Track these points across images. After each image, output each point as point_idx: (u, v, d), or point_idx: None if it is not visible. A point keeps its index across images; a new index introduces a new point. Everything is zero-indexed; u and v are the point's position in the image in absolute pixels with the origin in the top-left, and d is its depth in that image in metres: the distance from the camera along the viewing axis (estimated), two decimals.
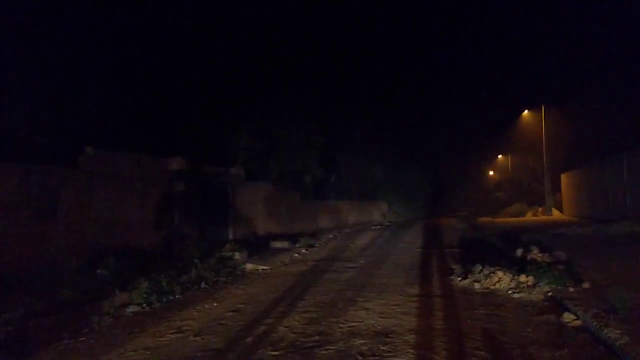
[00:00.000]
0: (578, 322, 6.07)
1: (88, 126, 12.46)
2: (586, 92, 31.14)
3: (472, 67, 68.07)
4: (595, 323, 5.72)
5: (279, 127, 24.57)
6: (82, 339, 6.54)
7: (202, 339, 6.19)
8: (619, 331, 5.30)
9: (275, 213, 21.84)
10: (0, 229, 9.59)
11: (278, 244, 16.57)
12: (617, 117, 27.35)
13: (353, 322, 6.58)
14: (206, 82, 21.01)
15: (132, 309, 8.13)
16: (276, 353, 5.40)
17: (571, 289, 7.79)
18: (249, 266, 12.39)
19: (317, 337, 5.91)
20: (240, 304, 8.25)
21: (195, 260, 11.33)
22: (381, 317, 6.77)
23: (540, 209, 36.94)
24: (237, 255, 12.94)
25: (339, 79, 36.42)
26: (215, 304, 8.33)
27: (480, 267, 9.53)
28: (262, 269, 12.31)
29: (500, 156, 58.80)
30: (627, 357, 4.61)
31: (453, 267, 10.56)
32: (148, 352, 5.73)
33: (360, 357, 5.13)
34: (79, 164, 11.59)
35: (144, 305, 8.35)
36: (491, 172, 63.68)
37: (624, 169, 20.83)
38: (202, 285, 10.09)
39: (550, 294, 7.76)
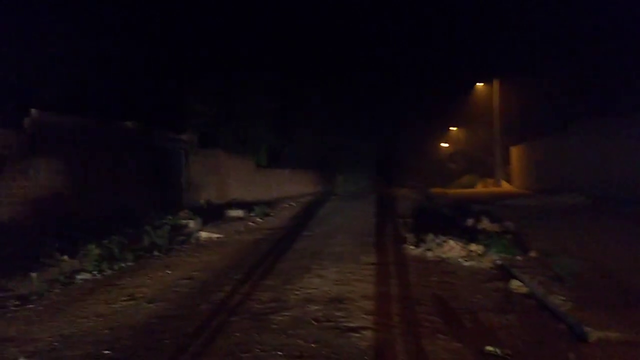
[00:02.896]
0: (525, 289, 6.30)
1: (34, 87, 11.91)
2: (536, 68, 31.82)
3: (426, 40, 68.35)
4: (541, 290, 5.96)
5: (234, 94, 24.16)
6: (30, 306, 6.37)
7: (155, 305, 6.13)
8: (562, 297, 5.54)
9: (229, 181, 21.64)
10: None
11: (232, 213, 16.46)
12: (565, 92, 28.17)
13: (308, 289, 6.64)
14: (158, 42, 20.30)
15: (82, 276, 7.96)
16: (232, 319, 5.40)
17: (519, 258, 8.08)
18: (203, 234, 12.29)
19: (272, 304, 5.94)
20: (195, 271, 8.20)
21: (148, 227, 11.15)
22: (336, 284, 6.85)
23: (490, 181, 37.99)
24: (191, 223, 12.81)
25: (295, 48, 35.86)
26: (168, 272, 8.25)
27: (433, 236, 9.72)
28: (217, 237, 12.23)
29: (453, 128, 59.79)
30: (570, 321, 4.82)
31: (406, 236, 10.74)
32: (100, 319, 5.64)
33: (315, 323, 5.19)
34: (24, 127, 11.10)
35: (95, 272, 8.18)
36: (444, 144, 64.75)
37: (569, 142, 21.56)
38: (155, 252, 9.95)
39: (499, 262, 8.02)
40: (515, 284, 6.52)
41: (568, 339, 4.56)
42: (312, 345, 4.58)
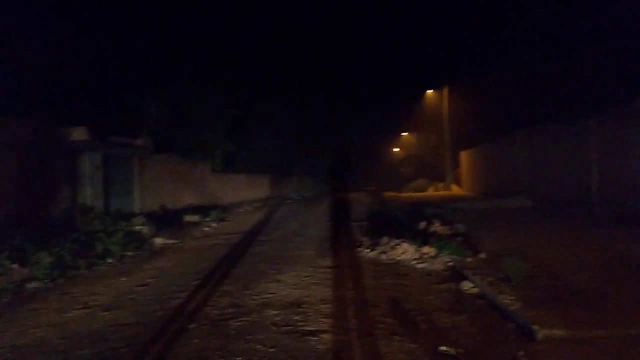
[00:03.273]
0: (475, 290, 6.53)
1: None
2: (486, 75, 32.87)
3: (380, 47, 69.49)
4: (490, 290, 6.20)
5: (189, 98, 23.87)
6: None
7: (110, 314, 6.05)
8: (512, 297, 5.78)
9: (184, 186, 21.38)
10: None
11: (188, 218, 16.30)
12: (512, 99, 29.21)
13: (266, 294, 6.69)
14: (111, 45, 19.87)
15: (33, 284, 7.75)
16: (189, 326, 5.39)
17: (469, 259, 8.36)
18: (158, 240, 12.13)
19: (230, 310, 5.96)
20: (150, 278, 8.11)
21: (101, 234, 10.93)
22: (294, 289, 6.92)
23: (441, 185, 38.79)
24: (145, 229, 12.61)
25: (251, 52, 35.86)
26: (123, 279, 8.13)
27: (387, 239, 9.92)
28: (172, 243, 12.10)
29: (405, 133, 60.85)
30: (519, 320, 5.05)
31: (362, 239, 10.91)
32: (53, 329, 5.52)
33: (274, 327, 5.25)
34: None
35: (47, 280, 7.98)
36: (397, 149, 65.78)
37: (516, 147, 22.31)
38: (109, 260, 9.78)
39: (450, 263, 8.26)
40: (466, 285, 6.75)
41: (517, 338, 4.77)
42: (271, 349, 4.64)
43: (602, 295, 5.81)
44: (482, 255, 8.56)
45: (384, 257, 9.16)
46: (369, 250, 9.73)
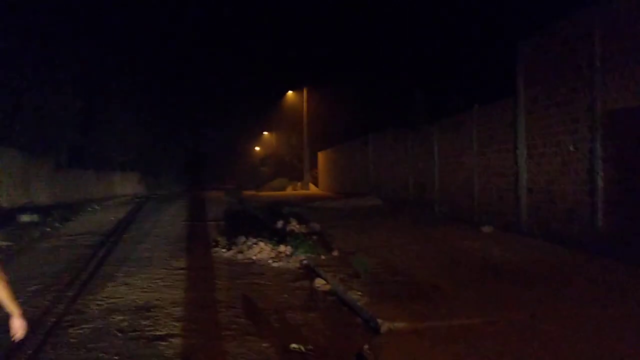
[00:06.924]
0: (327, 287, 6.74)
1: None
2: (343, 79, 34.27)
3: (242, 46, 69.17)
4: (341, 287, 6.43)
5: (30, 85, 21.71)
6: None
7: None
8: (360, 293, 6.04)
9: (22, 183, 19.53)
10: None
11: (26, 218, 14.85)
12: (368, 103, 30.79)
13: (113, 298, 6.31)
14: None
15: None
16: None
17: (323, 257, 8.61)
18: None
19: (71, 317, 5.53)
20: None
21: None
22: (143, 292, 6.62)
23: (299, 184, 39.59)
24: None
25: (103, 41, 33.52)
26: None
27: (244, 239, 9.89)
28: (6, 245, 10.96)
29: (266, 133, 61.11)
30: (366, 315, 5.29)
31: (218, 239, 10.77)
32: None
33: (119, 334, 4.95)
34: None
35: None
36: (257, 148, 65.87)
37: (369, 149, 23.47)
38: None
39: (305, 262, 8.43)
40: (319, 282, 6.93)
41: (364, 332, 5.00)
42: (115, 357, 4.38)
43: (439, 288, 6.30)
44: (335, 253, 8.86)
45: (240, 256, 9.11)
46: (225, 250, 9.63)
